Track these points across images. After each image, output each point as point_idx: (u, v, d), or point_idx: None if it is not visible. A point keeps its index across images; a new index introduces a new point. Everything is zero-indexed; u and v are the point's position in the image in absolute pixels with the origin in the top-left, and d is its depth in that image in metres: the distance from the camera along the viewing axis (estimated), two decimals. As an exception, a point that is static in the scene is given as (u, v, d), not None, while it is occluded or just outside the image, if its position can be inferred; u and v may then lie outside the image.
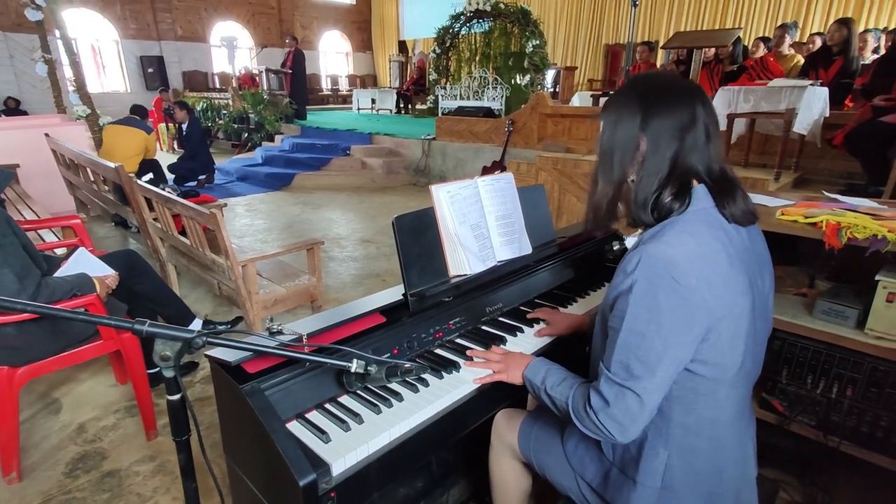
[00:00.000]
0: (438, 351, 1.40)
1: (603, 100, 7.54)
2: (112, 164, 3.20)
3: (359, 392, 1.18)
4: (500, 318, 1.59)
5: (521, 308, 1.65)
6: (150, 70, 13.26)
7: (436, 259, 1.39)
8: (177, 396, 0.98)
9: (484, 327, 1.54)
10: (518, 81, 7.71)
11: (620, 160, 0.98)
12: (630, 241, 1.06)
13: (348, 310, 1.30)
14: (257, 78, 10.35)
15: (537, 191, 1.73)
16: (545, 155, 4.37)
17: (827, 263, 1.87)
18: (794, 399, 1.68)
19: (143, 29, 13.18)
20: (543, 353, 1.47)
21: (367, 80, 17.60)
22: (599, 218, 1.03)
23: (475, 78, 7.57)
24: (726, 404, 0.97)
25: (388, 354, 1.30)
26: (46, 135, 4.71)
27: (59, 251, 2.63)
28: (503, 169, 5.74)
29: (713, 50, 5.37)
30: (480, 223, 1.46)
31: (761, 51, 5.37)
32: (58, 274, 1.96)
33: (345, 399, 1.18)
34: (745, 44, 6.02)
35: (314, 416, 1.11)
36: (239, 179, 7.59)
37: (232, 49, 10.50)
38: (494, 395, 1.28)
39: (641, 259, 0.88)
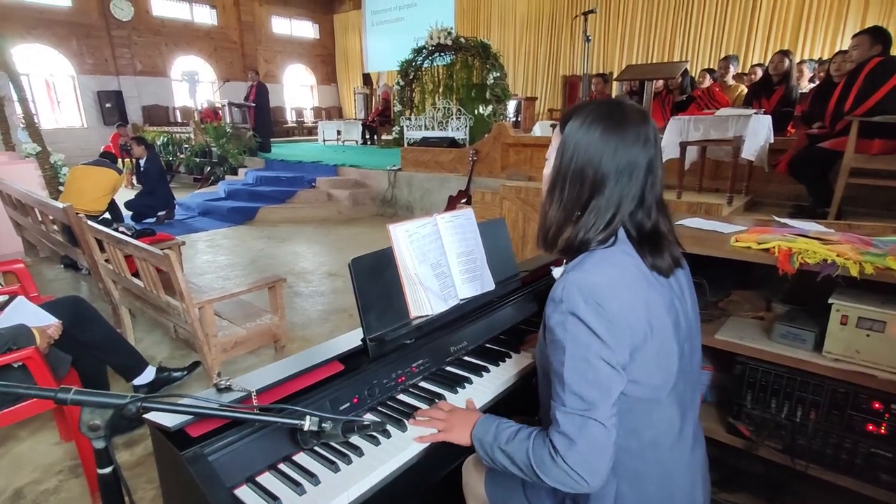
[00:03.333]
0: (402, 397, 1.35)
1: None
2: (60, 205, 3.06)
3: (315, 448, 1.11)
4: (466, 358, 1.55)
5: (487, 346, 1.61)
6: (107, 105, 12.94)
7: (396, 301, 1.35)
8: (108, 470, 0.89)
9: (449, 368, 1.50)
10: (481, 111, 7.86)
11: (576, 187, 0.97)
12: (557, 272, 1.06)
13: (304, 358, 1.24)
14: (220, 111, 10.24)
15: (498, 225, 1.73)
16: (508, 184, 4.42)
17: (782, 287, 1.91)
18: (760, 423, 1.68)
19: (101, 64, 12.91)
20: (509, 393, 1.44)
21: (333, 112, 17.67)
22: (548, 243, 1.03)
23: (439, 109, 7.68)
24: (664, 426, 0.97)
25: (348, 404, 1.24)
26: (-9, 175, 4.49)
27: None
28: (469, 198, 5.78)
29: (662, 81, 5.61)
30: (441, 261, 1.43)
31: (707, 81, 5.66)
32: (-8, 327, 1.83)
33: (301, 457, 1.10)
34: (692, 75, 6.32)
35: (266, 478, 1.04)
36: (201, 214, 7.39)
37: (193, 83, 10.39)
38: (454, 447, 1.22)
39: (566, 287, 0.90)
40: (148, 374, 2.47)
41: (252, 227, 6.76)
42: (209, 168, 9.37)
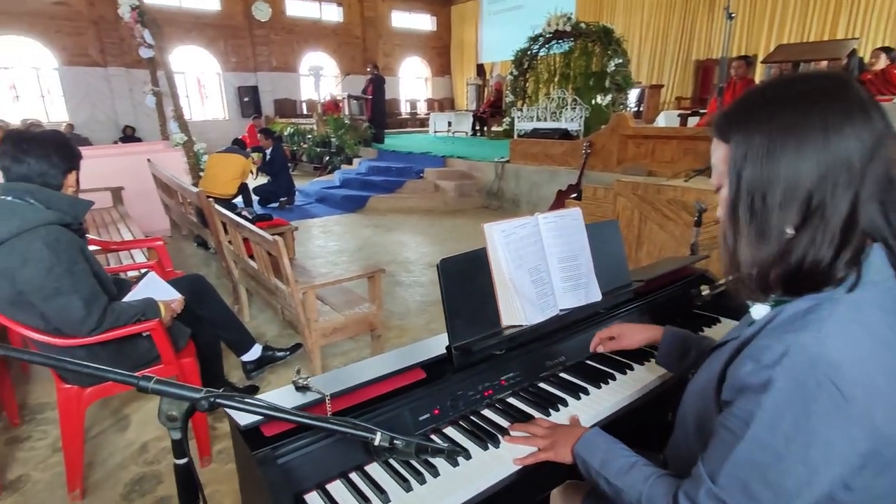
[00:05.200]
0: (487, 413, 1.22)
1: (694, 119, 7.02)
2: (194, 189, 3.37)
3: (389, 461, 1.04)
4: (563, 375, 1.38)
5: (589, 363, 1.43)
6: (245, 99, 14.40)
7: (486, 307, 1.23)
8: (183, 461, 0.89)
9: (542, 385, 1.34)
10: (599, 101, 7.40)
11: (779, 206, 0.68)
12: (758, 312, 0.77)
13: (386, 361, 1.17)
14: (340, 104, 10.83)
15: (609, 227, 1.52)
16: (624, 179, 4.06)
17: None
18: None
19: (242, 62, 14.38)
20: (613, 420, 1.25)
21: (445, 104, 17.93)
22: (747, 288, 0.75)
23: (553, 99, 7.35)
24: None
25: (428, 415, 1.14)
26: (148, 160, 5.14)
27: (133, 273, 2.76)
28: (579, 193, 5.45)
29: (825, 62, 4.78)
30: (540, 266, 1.28)
31: (882, 62, 4.72)
32: (127, 297, 2.02)
33: (373, 468, 1.03)
34: (861, 55, 5.33)
35: (336, 487, 0.98)
36: (317, 201, 7.88)
37: (318, 77, 11.10)
38: (551, 471, 1.07)
39: (788, 353, 0.64)
40: (255, 352, 2.62)
41: (362, 216, 7.04)
42: (327, 157, 9.97)
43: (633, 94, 8.59)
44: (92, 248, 2.25)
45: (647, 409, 1.29)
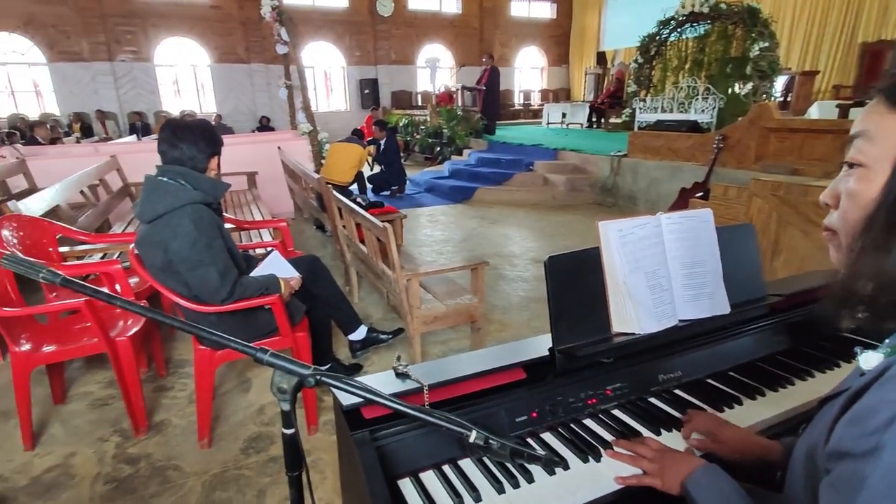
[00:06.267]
0: (588, 422, 1.15)
1: (856, 111, 6.04)
2: (315, 176, 3.62)
3: (483, 459, 1.01)
4: (677, 392, 1.25)
5: (709, 382, 1.28)
6: (366, 91, 15.21)
7: (596, 311, 1.15)
8: (290, 431, 0.94)
9: (653, 400, 1.23)
10: (736, 90, 6.67)
11: None
12: (868, 361, 0.61)
13: (486, 357, 1.14)
14: (454, 95, 10.98)
15: (743, 232, 1.34)
16: (763, 177, 3.60)
17: None
18: None
19: (365, 55, 15.20)
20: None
21: (560, 94, 17.39)
22: (852, 308, 0.61)
23: (682, 88, 6.77)
24: None
25: (525, 417, 1.10)
26: (279, 148, 5.63)
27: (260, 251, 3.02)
28: (706, 191, 4.97)
29: None
30: (659, 271, 1.16)
31: None
32: (254, 273, 2.22)
33: (466, 464, 1.01)
34: None
35: (428, 478, 0.98)
36: (426, 191, 8.09)
37: (434, 69, 11.34)
38: (654, 498, 0.98)
39: None
40: (360, 332, 2.75)
41: (468, 206, 7.09)
42: (438, 148, 10.17)
43: (779, 82, 7.62)
44: (227, 226, 2.51)
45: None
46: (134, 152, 5.67)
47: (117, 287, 2.58)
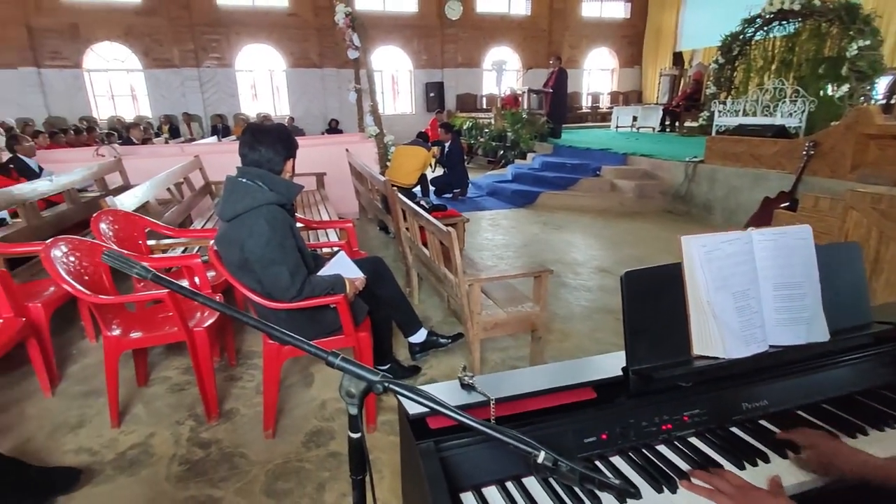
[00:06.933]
0: (662, 449, 1.07)
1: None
2: (382, 178, 3.68)
3: (548, 479, 0.97)
4: (763, 423, 1.15)
5: (800, 414, 1.17)
6: (431, 94, 15.37)
7: (675, 331, 1.07)
8: (357, 435, 0.94)
9: (735, 430, 1.13)
10: (830, 92, 6.14)
11: None
12: None
13: (553, 373, 1.10)
14: (520, 98, 10.87)
15: (847, 252, 1.21)
16: (861, 189, 3.28)
17: None
18: None
19: (431, 59, 15.38)
20: (829, 495, 1.00)
21: (631, 97, 16.78)
22: None
23: (767, 90, 6.31)
24: None
25: (594, 439, 1.04)
26: (347, 150, 5.80)
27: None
28: (793, 202, 4.60)
29: None
30: (749, 292, 1.07)
31: None
32: (321, 272, 2.28)
33: (530, 482, 0.98)
34: None
35: (491, 493, 0.95)
36: (488, 194, 8.04)
37: (501, 72, 11.27)
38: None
39: None
40: (420, 335, 2.77)
41: (531, 211, 6.98)
42: (502, 152, 10.10)
43: (881, 83, 6.94)
44: (297, 225, 2.59)
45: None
46: (215, 153, 6.05)
47: (196, 280, 2.75)
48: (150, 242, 3.21)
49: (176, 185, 4.82)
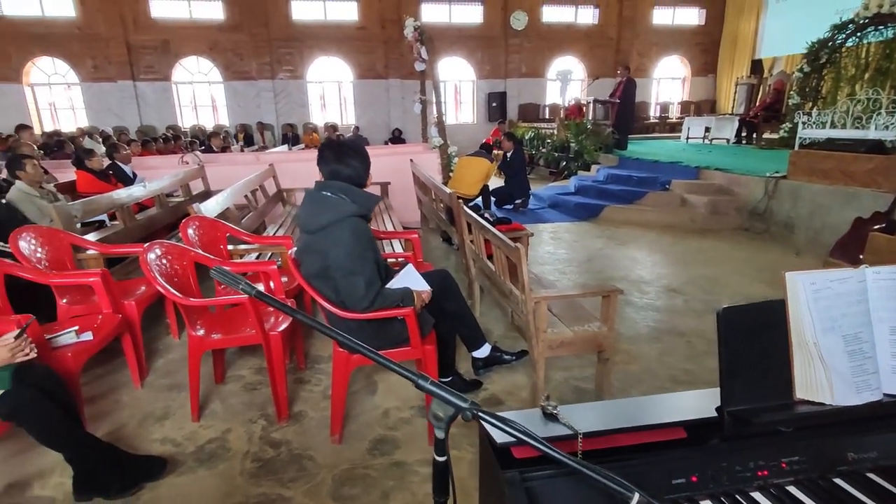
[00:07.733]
0: (756, 496, 1.01)
1: None
2: (448, 190, 3.72)
3: (636, 521, 0.94)
4: (871, 476, 1.06)
5: (916, 470, 1.06)
6: (493, 104, 15.39)
7: (775, 372, 1.01)
8: (443, 458, 0.95)
9: (838, 481, 1.04)
10: (933, 104, 5.61)
11: None
12: None
13: (639, 409, 1.07)
14: (584, 108, 10.67)
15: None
16: (976, 214, 2.96)
17: None
18: None
19: (495, 69, 15.42)
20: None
21: (704, 107, 16.03)
22: None
23: (860, 101, 5.85)
24: None
25: (684, 480, 1.00)
26: (411, 160, 5.91)
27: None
28: (890, 224, 4.22)
29: None
30: (861, 335, 0.99)
31: None
32: (390, 284, 2.34)
33: (615, 522, 0.95)
34: None
35: (575, 530, 0.93)
36: (550, 206, 7.92)
37: (565, 82, 11.12)
38: None
39: None
40: (484, 350, 2.76)
41: (594, 225, 6.81)
42: (564, 163, 9.93)
43: None
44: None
45: None
46: (286, 161, 6.35)
47: (272, 284, 2.89)
48: (229, 247, 3.41)
49: (251, 192, 5.10)
